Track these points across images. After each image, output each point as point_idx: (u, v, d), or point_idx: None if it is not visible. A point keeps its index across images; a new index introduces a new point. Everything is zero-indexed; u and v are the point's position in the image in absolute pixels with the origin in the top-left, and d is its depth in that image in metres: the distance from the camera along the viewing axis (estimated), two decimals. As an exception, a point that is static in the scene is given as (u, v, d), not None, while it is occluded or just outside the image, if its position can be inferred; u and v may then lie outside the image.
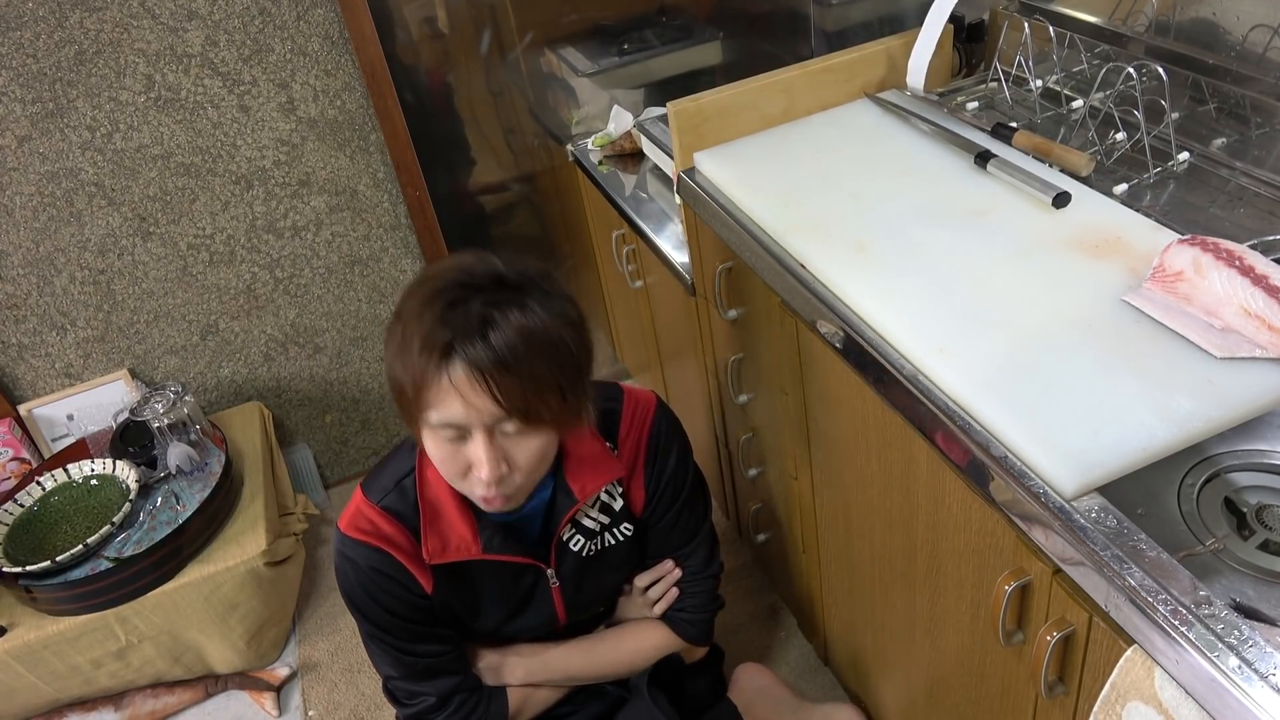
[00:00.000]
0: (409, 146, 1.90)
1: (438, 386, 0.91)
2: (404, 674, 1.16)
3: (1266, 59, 1.09)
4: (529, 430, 0.96)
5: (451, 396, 0.91)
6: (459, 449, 0.96)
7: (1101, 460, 0.77)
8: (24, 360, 1.90)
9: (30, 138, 1.69)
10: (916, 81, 1.40)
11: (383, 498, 1.09)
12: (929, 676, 1.18)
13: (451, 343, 0.90)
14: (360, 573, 1.09)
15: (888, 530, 1.13)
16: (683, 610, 1.29)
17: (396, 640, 1.13)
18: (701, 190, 1.34)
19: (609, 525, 1.20)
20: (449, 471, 0.99)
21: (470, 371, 0.90)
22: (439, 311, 0.91)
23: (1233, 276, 0.86)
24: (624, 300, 2.05)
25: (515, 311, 0.91)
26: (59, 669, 1.70)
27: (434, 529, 1.08)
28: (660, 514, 1.22)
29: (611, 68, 2.00)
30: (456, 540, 1.09)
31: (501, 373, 0.90)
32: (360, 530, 1.09)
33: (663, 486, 1.20)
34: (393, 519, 1.08)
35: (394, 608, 1.11)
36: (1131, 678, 0.71)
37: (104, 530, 1.64)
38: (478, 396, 0.91)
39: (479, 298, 0.91)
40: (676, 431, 1.21)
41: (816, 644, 1.65)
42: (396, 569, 1.09)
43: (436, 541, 1.08)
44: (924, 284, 1.01)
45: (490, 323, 0.90)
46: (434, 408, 0.93)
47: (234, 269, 1.95)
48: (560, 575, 1.19)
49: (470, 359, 0.90)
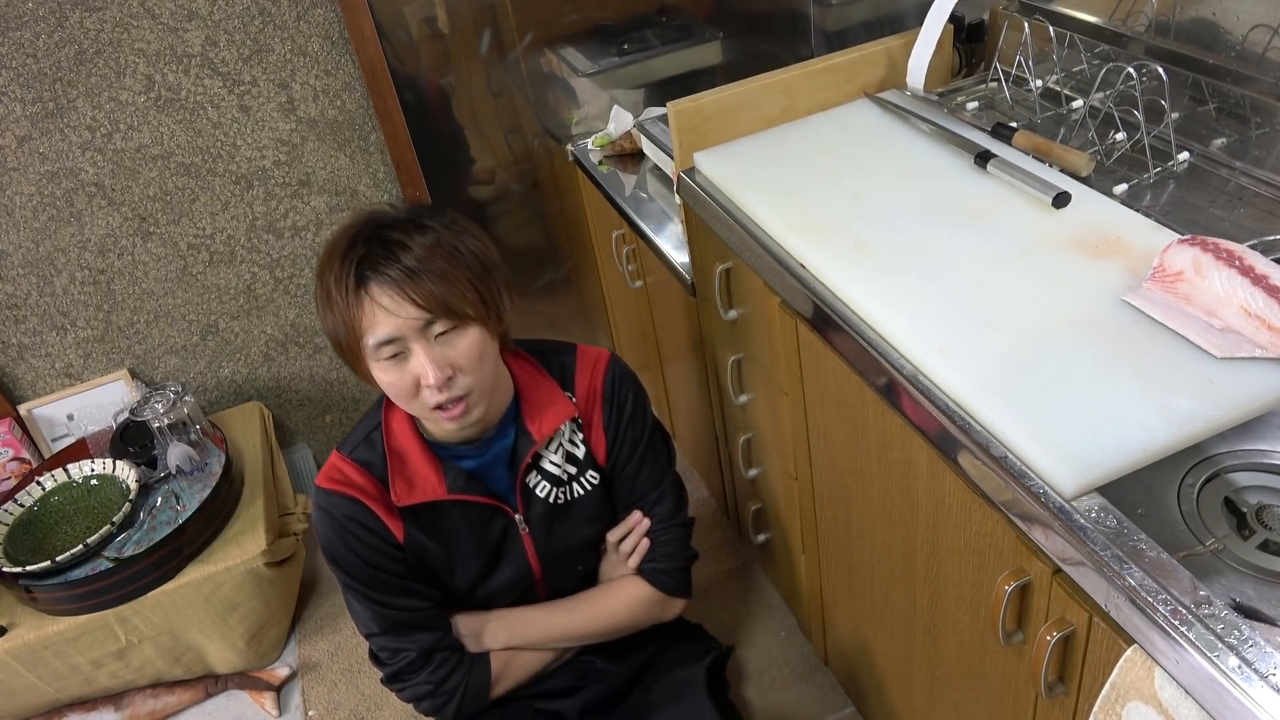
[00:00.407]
0: (409, 146, 1.90)
1: (362, 311, 1.00)
2: (383, 629, 1.19)
3: (1266, 59, 1.09)
4: (459, 328, 1.04)
5: (377, 314, 1.00)
6: (404, 369, 1.03)
7: (1101, 460, 0.77)
8: (24, 360, 1.90)
9: (30, 138, 1.69)
10: (916, 81, 1.40)
11: (353, 450, 1.16)
12: (929, 676, 1.18)
13: (362, 269, 1.00)
14: (334, 522, 1.14)
15: (888, 530, 1.13)
16: (655, 560, 1.31)
17: (373, 592, 1.17)
18: (701, 190, 1.34)
19: (576, 475, 1.24)
20: (402, 394, 1.05)
21: (385, 285, 1.00)
22: (343, 253, 1.02)
23: (1233, 276, 0.86)
24: (624, 300, 2.05)
25: (411, 229, 1.03)
26: (59, 669, 1.70)
27: (401, 474, 1.14)
28: (624, 462, 1.26)
29: (611, 68, 2.00)
30: (422, 483, 1.14)
31: (414, 278, 1.00)
32: (333, 480, 1.15)
33: (622, 432, 1.24)
34: (362, 469, 1.15)
35: (369, 557, 1.15)
36: (1131, 678, 0.71)
37: (104, 530, 1.63)
38: (399, 305, 1.00)
39: (376, 230, 1.03)
40: (630, 380, 1.26)
41: (816, 644, 1.65)
42: (368, 516, 1.14)
43: (403, 484, 1.14)
44: (924, 284, 1.01)
45: (391, 242, 1.01)
46: (368, 333, 1.01)
47: (234, 269, 1.95)
48: (530, 522, 1.21)
49: (382, 275, 1.00)
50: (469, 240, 1.06)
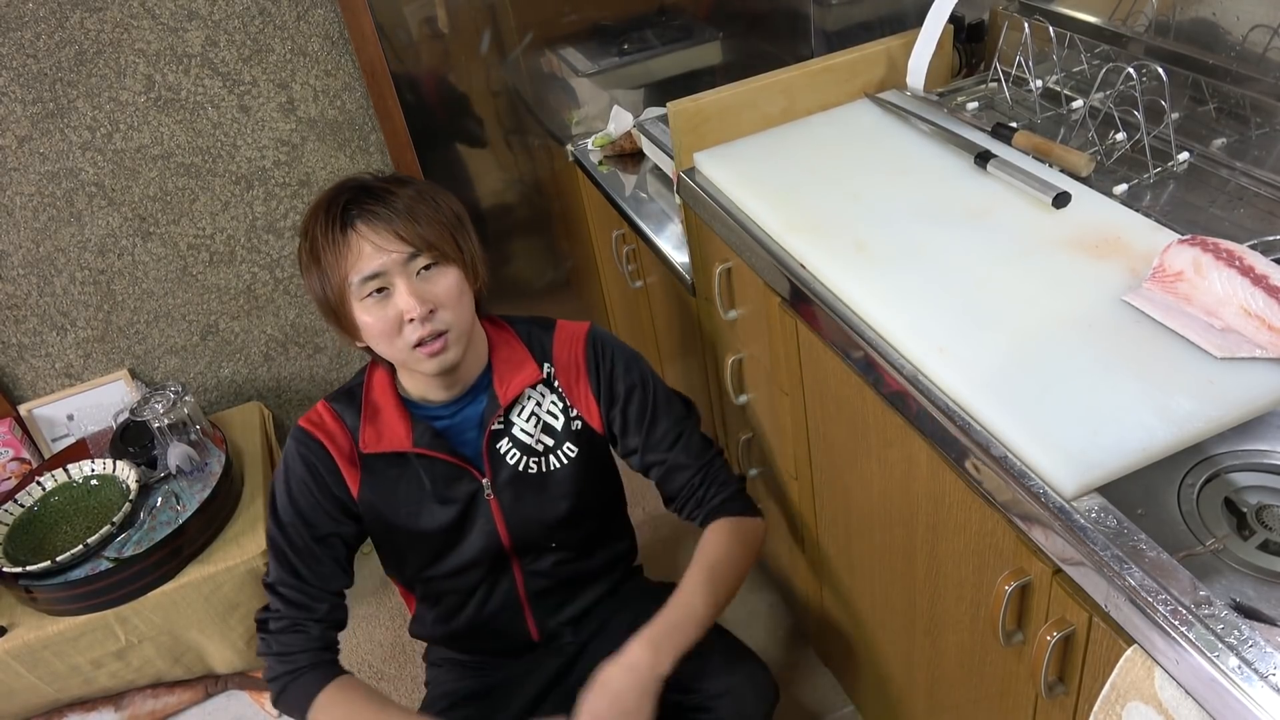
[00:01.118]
0: (409, 146, 1.90)
1: (348, 249, 1.06)
2: (274, 579, 1.21)
3: (1266, 59, 1.09)
4: (440, 265, 1.10)
5: (364, 248, 1.06)
6: (387, 305, 1.08)
7: (1101, 460, 0.77)
8: (24, 360, 1.90)
9: (30, 138, 1.69)
10: (916, 81, 1.40)
11: (334, 399, 1.23)
12: (929, 676, 1.18)
13: (349, 210, 1.06)
14: (299, 457, 1.20)
15: (888, 530, 1.13)
16: (714, 497, 1.26)
17: (289, 545, 1.20)
18: (701, 190, 1.34)
19: (552, 447, 1.24)
20: (384, 333, 1.09)
21: (371, 221, 1.06)
22: (328, 204, 1.08)
23: (1233, 276, 0.86)
24: (624, 300, 2.05)
25: (392, 183, 1.11)
26: (59, 669, 1.70)
27: (372, 424, 1.20)
28: (634, 420, 1.26)
29: (611, 68, 2.00)
30: (390, 434, 1.19)
31: (396, 216, 1.06)
32: (310, 421, 1.21)
33: (617, 392, 1.25)
34: (337, 416, 1.21)
35: (308, 505, 1.20)
36: (1131, 678, 0.71)
37: (104, 530, 1.63)
38: (385, 239, 1.06)
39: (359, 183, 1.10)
40: (611, 341, 1.28)
41: (816, 643, 1.66)
42: (326, 464, 1.20)
43: (372, 433, 1.20)
44: (924, 284, 1.01)
45: (375, 189, 1.09)
46: (353, 270, 1.06)
47: (234, 269, 1.95)
48: (496, 488, 1.22)
49: (368, 213, 1.06)
50: (445, 197, 1.14)
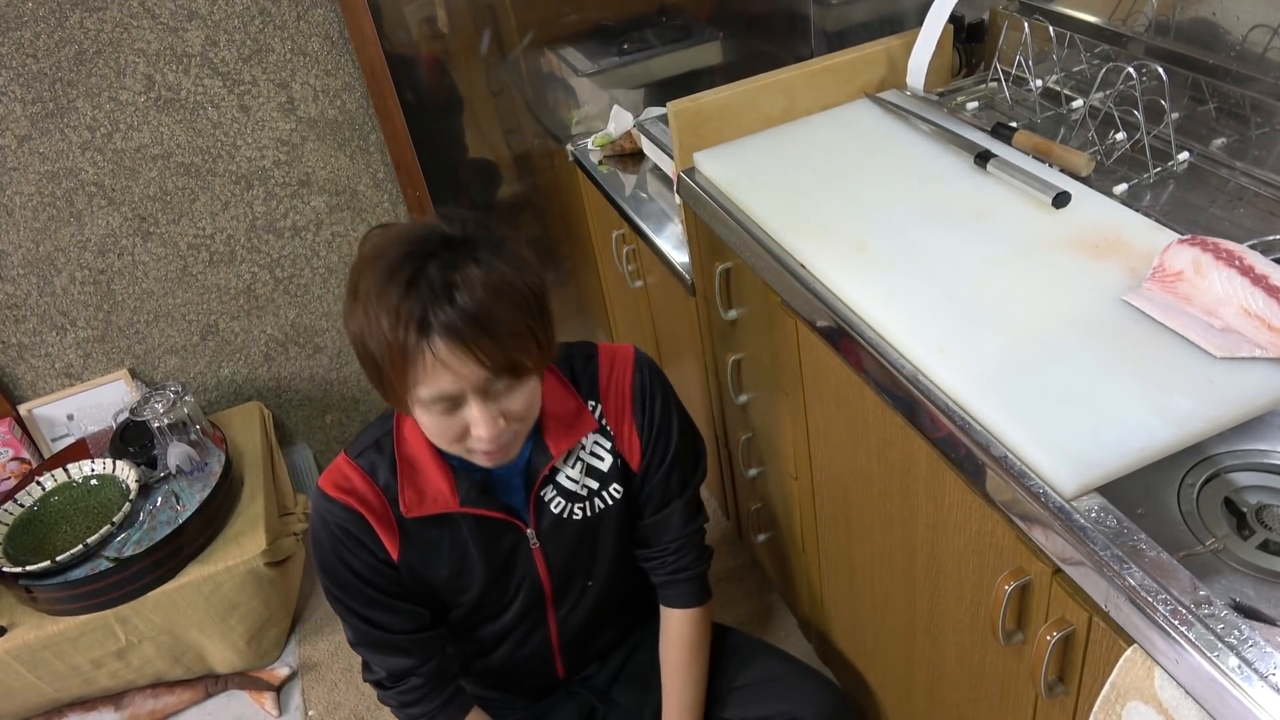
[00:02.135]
0: (409, 146, 1.90)
1: (421, 363, 0.92)
2: (359, 640, 1.16)
3: (1266, 59, 1.09)
4: (518, 381, 0.98)
5: (438, 370, 0.92)
6: (453, 416, 0.97)
7: (1101, 460, 0.77)
8: (24, 360, 1.90)
9: (30, 138, 1.69)
10: (916, 81, 1.40)
11: (360, 454, 1.10)
12: (929, 676, 1.18)
13: (425, 316, 0.90)
14: (328, 529, 1.10)
15: (888, 530, 1.13)
16: (681, 571, 1.26)
17: (353, 603, 1.13)
18: (701, 190, 1.34)
19: (597, 490, 1.19)
20: (445, 438, 1.00)
21: (450, 340, 0.90)
22: (402, 286, 0.90)
23: (1233, 276, 0.86)
24: (624, 300, 2.05)
25: (474, 268, 0.92)
26: (59, 669, 1.70)
27: (411, 483, 1.09)
28: (656, 464, 1.20)
29: (611, 68, 2.00)
30: (433, 493, 1.10)
31: (480, 334, 0.91)
32: (335, 485, 1.09)
33: (655, 434, 1.19)
34: (367, 476, 1.09)
35: (356, 567, 1.11)
36: (1131, 677, 0.71)
37: (104, 530, 1.64)
38: (463, 364, 0.92)
39: (435, 262, 0.91)
40: (659, 376, 1.20)
41: (816, 644, 1.65)
42: (363, 529, 1.09)
43: (413, 494, 1.09)
44: (924, 284, 1.01)
45: (455, 286, 0.90)
46: (422, 384, 0.94)
47: (234, 269, 1.95)
48: (540, 535, 1.17)
49: (448, 328, 0.90)
50: (528, 276, 0.96)
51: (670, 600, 1.28)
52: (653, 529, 1.25)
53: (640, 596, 1.34)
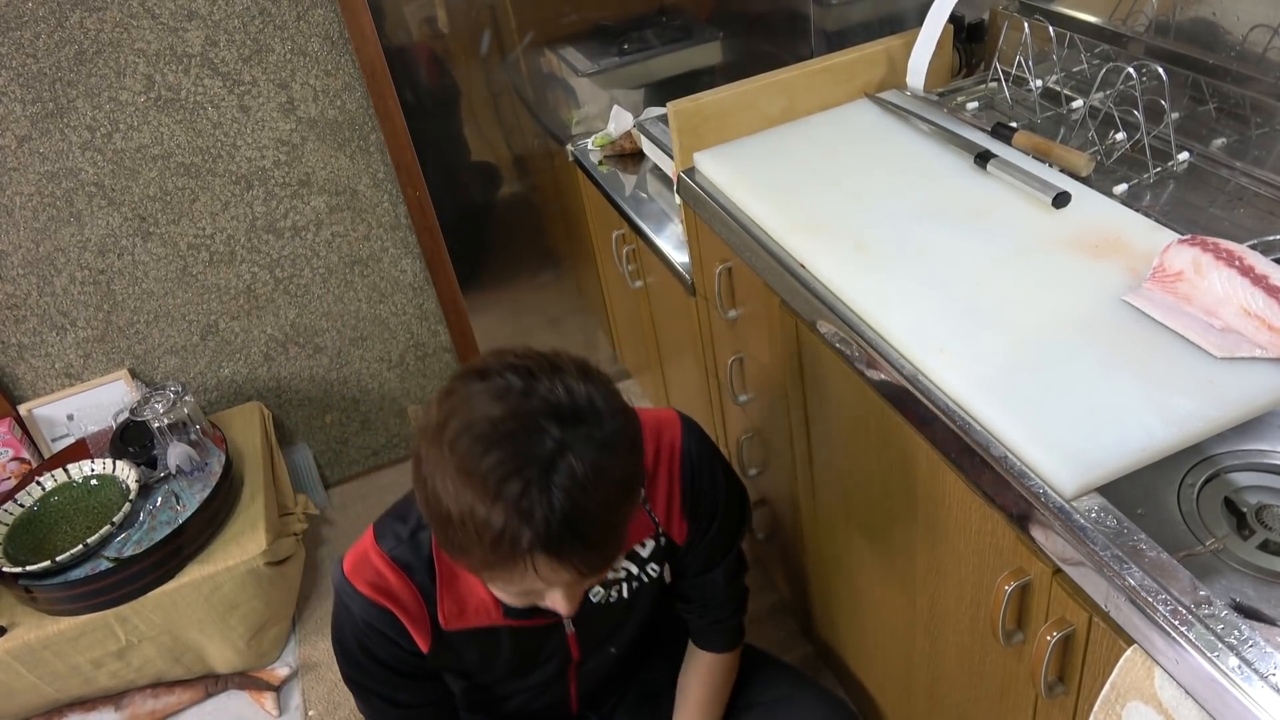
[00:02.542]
0: (409, 146, 1.90)
1: (514, 568, 0.81)
2: (376, 718, 1.11)
3: (1266, 59, 1.09)
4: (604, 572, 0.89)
5: (529, 577, 0.82)
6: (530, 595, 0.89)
7: (1101, 460, 0.77)
8: (24, 360, 1.90)
9: (30, 138, 1.69)
10: (916, 81, 1.40)
11: (394, 548, 0.99)
12: (929, 676, 1.18)
13: (533, 537, 0.78)
14: (355, 623, 1.01)
15: (888, 530, 1.13)
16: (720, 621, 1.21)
17: (374, 685, 1.07)
18: (701, 190, 1.34)
19: (636, 573, 1.12)
20: (512, 602, 0.92)
21: (551, 557, 0.79)
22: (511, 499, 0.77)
23: (1233, 276, 0.86)
24: (624, 300, 2.05)
25: (579, 463, 0.79)
26: (59, 669, 1.70)
27: (451, 592, 0.99)
28: (701, 537, 1.13)
29: (611, 68, 2.00)
30: (475, 605, 1.01)
31: (580, 545, 0.80)
32: (366, 581, 0.99)
33: (702, 513, 1.11)
34: (402, 574, 0.99)
35: (381, 657, 1.04)
36: (1131, 678, 0.71)
37: (104, 530, 1.64)
38: (558, 573, 0.82)
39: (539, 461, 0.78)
40: (706, 449, 1.10)
41: (816, 644, 1.65)
42: (395, 628, 1.01)
43: (453, 606, 1.00)
44: (924, 284, 1.01)
45: (560, 490, 0.78)
46: (509, 581, 0.84)
47: (234, 269, 1.95)
48: (577, 622, 1.11)
49: (548, 545, 0.78)
50: (632, 458, 0.85)
51: (702, 643, 1.25)
52: (694, 588, 1.19)
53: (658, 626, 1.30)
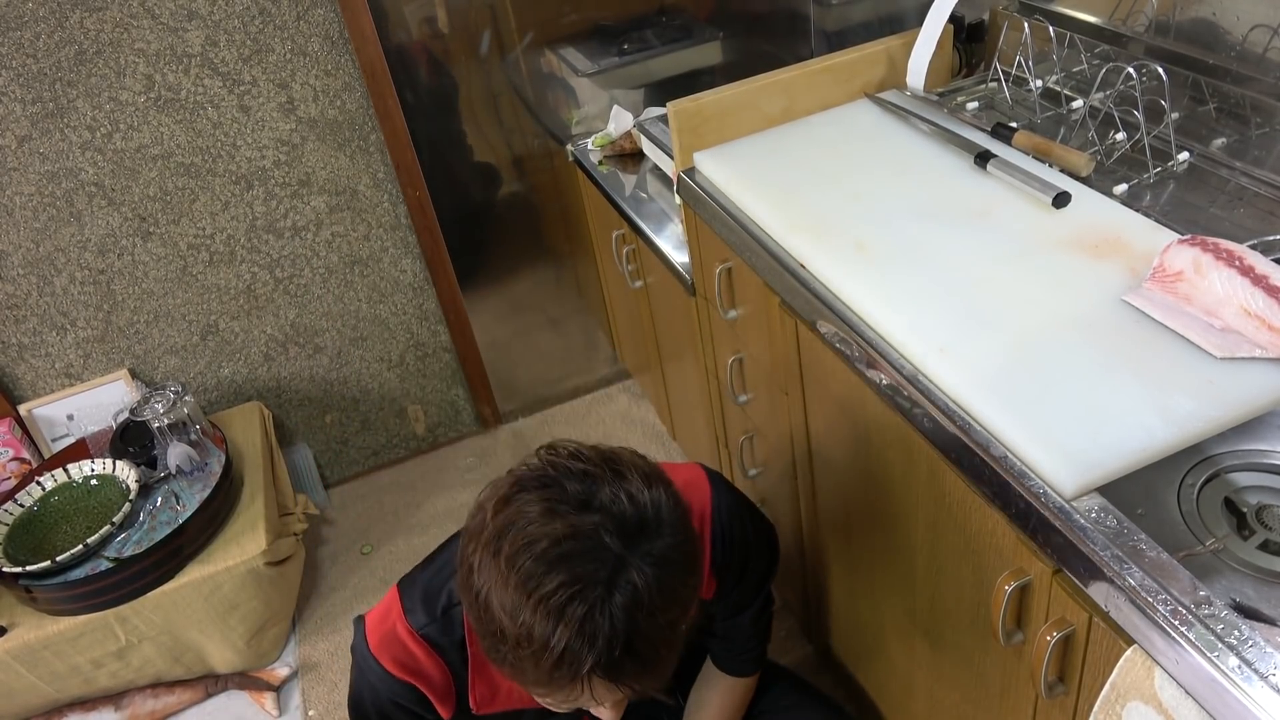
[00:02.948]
0: (409, 146, 1.90)
1: (570, 691, 0.79)
2: None
3: (1266, 59, 1.09)
4: None
5: (585, 698, 0.80)
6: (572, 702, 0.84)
7: (1101, 460, 0.77)
8: (24, 360, 1.90)
9: (30, 138, 1.69)
10: (916, 81, 1.40)
11: (425, 625, 0.94)
12: (929, 676, 1.18)
13: (592, 667, 0.75)
14: (378, 699, 0.97)
15: (888, 530, 1.13)
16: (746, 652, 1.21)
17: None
18: (701, 190, 1.34)
19: None
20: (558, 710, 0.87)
21: (608, 681, 0.77)
22: (574, 623, 0.73)
23: (1233, 276, 0.86)
24: (624, 300, 2.05)
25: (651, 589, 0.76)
26: (59, 669, 1.70)
27: (483, 676, 0.96)
28: (730, 588, 1.10)
29: (611, 68, 2.00)
30: (507, 690, 0.97)
31: (636, 668, 0.77)
32: (393, 659, 0.94)
33: (731, 571, 1.08)
34: (434, 654, 0.94)
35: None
36: (1131, 678, 0.71)
37: (104, 530, 1.63)
38: (614, 694, 0.80)
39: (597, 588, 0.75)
40: (737, 506, 1.06)
41: (816, 644, 1.65)
42: (421, 704, 0.97)
43: (485, 690, 0.97)
44: (924, 284, 1.01)
45: (633, 631, 0.75)
46: (560, 699, 0.81)
47: (234, 269, 1.95)
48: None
49: (607, 672, 0.76)
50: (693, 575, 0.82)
51: (724, 666, 1.24)
52: (721, 629, 1.18)
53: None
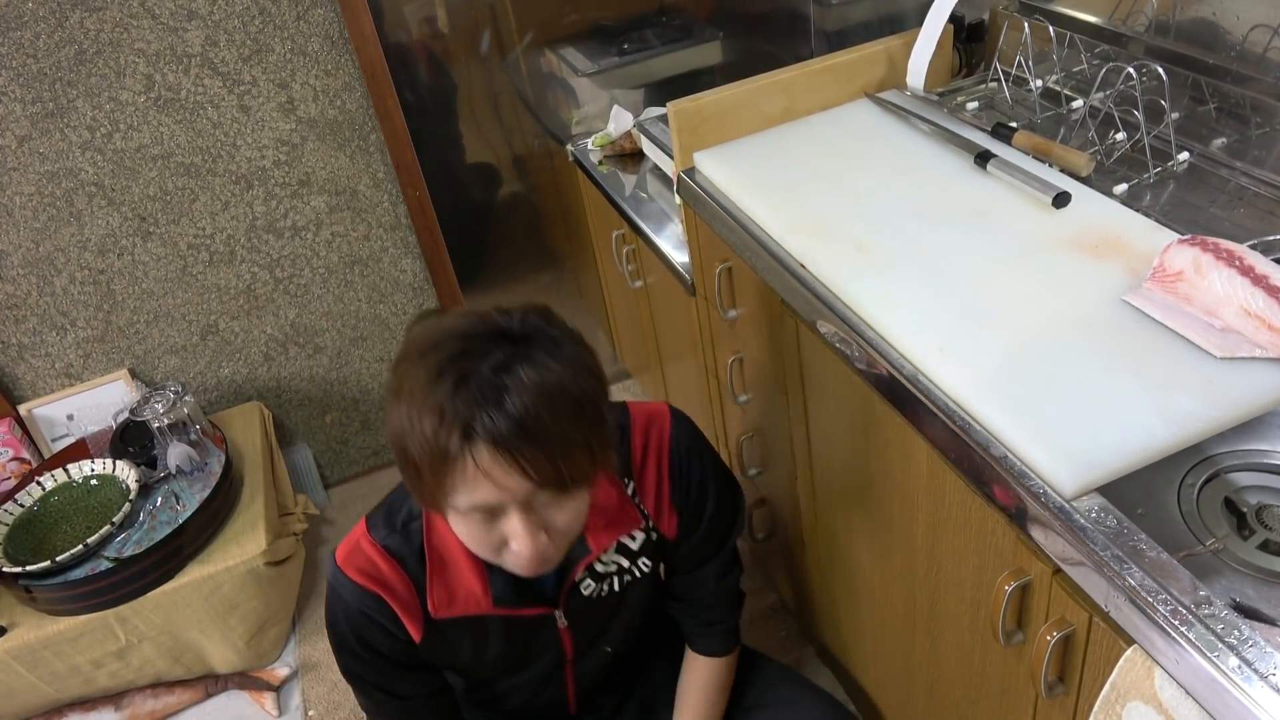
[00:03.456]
0: (409, 146, 1.90)
1: (462, 470, 0.84)
2: (377, 712, 1.12)
3: (1266, 59, 1.09)
4: (564, 495, 0.90)
5: (479, 479, 0.84)
6: (491, 527, 0.90)
7: (1101, 460, 0.77)
8: (24, 360, 1.90)
9: (30, 138, 1.69)
10: (916, 81, 1.40)
11: (386, 537, 1.02)
12: (929, 676, 1.18)
13: (471, 422, 0.81)
14: (349, 611, 1.03)
15: (888, 530, 1.13)
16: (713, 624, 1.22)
17: (372, 677, 1.09)
18: (701, 190, 1.34)
19: (627, 567, 1.12)
20: (481, 548, 0.93)
21: (495, 450, 0.82)
22: (449, 387, 0.82)
23: (1233, 276, 0.86)
24: (624, 300, 2.05)
25: (528, 370, 0.83)
26: (59, 669, 1.70)
27: (440, 580, 1.02)
28: (691, 532, 1.14)
29: (611, 68, 2.00)
30: (464, 593, 1.03)
31: (528, 444, 0.82)
32: (357, 569, 1.02)
33: (692, 506, 1.12)
34: (394, 562, 1.01)
35: (377, 647, 1.06)
36: (1131, 678, 0.71)
37: (104, 530, 1.64)
38: (507, 475, 0.83)
39: (486, 362, 0.83)
40: (696, 442, 1.11)
41: (816, 644, 1.66)
42: (387, 615, 1.03)
43: (443, 593, 1.02)
44: (924, 284, 1.01)
45: (505, 390, 0.82)
46: (460, 491, 0.85)
47: (234, 269, 1.95)
48: (569, 615, 1.11)
49: (493, 436, 0.81)
50: (585, 380, 0.87)
51: (698, 646, 1.25)
52: (685, 584, 1.20)
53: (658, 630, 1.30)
